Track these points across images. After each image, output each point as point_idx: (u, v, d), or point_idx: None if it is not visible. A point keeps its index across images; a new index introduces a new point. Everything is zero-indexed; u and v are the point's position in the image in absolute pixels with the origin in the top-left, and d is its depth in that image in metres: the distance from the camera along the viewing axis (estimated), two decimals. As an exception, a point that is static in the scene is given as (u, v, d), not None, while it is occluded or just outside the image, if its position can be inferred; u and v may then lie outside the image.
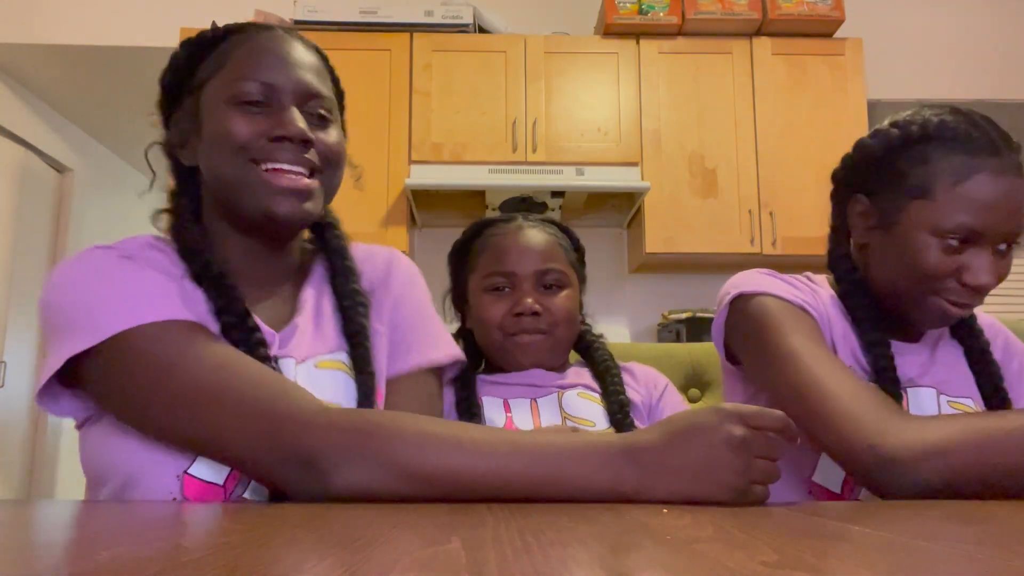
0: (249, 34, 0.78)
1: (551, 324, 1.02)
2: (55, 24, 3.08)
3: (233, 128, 0.72)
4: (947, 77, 3.18)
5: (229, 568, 0.29)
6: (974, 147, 0.81)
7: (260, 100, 0.74)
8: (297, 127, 0.73)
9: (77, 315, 0.66)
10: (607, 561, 0.31)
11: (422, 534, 0.38)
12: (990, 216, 0.80)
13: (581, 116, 2.76)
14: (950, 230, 0.81)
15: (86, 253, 0.71)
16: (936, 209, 0.81)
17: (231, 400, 0.63)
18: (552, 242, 1.06)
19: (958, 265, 0.82)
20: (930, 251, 0.82)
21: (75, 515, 0.52)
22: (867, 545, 0.36)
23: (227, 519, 0.44)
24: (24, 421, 3.58)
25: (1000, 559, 0.33)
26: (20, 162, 3.54)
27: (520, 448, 0.57)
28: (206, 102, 0.75)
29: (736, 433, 0.55)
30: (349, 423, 0.61)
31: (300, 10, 2.75)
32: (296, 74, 0.75)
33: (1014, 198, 0.80)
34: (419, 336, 0.86)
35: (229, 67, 0.75)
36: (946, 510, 0.56)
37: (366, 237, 0.97)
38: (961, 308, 0.84)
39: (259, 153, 0.72)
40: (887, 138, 0.87)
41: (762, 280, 0.91)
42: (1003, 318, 1.07)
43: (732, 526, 0.43)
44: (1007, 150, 0.82)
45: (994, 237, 0.81)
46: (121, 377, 0.65)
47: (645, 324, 3.00)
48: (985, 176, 0.80)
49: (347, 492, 0.58)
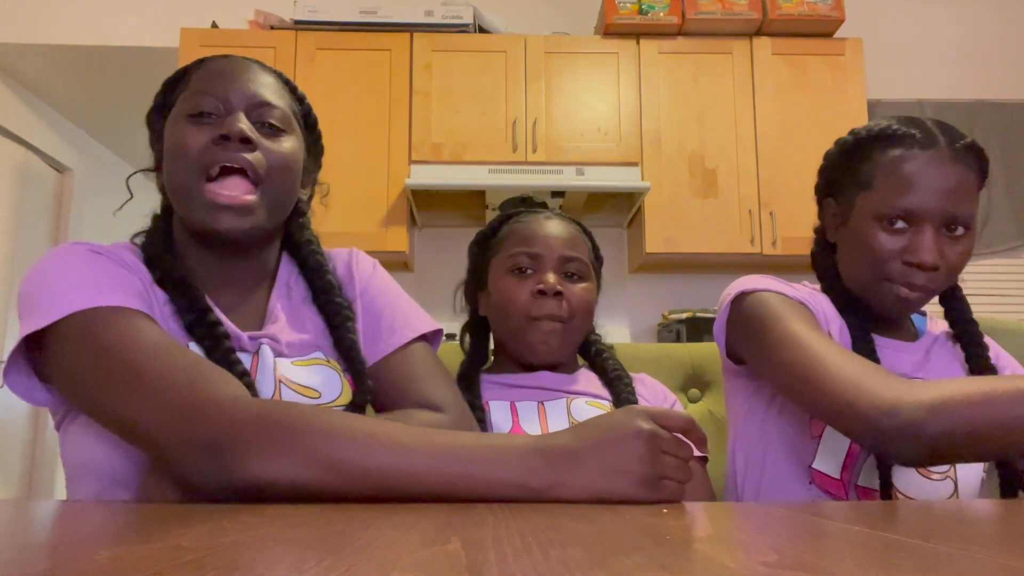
0: (213, 60, 0.82)
1: (570, 313, 1.02)
2: (55, 24, 3.08)
3: (185, 138, 0.76)
4: (947, 77, 3.18)
5: (229, 568, 0.29)
6: (911, 141, 0.88)
7: (211, 112, 0.77)
8: (237, 126, 0.75)
9: (40, 299, 0.68)
10: (607, 561, 0.31)
11: (422, 534, 0.38)
12: (924, 196, 0.85)
13: (581, 116, 2.76)
14: (888, 213, 0.87)
15: (61, 247, 0.74)
16: (877, 197, 0.88)
17: (152, 383, 0.62)
18: (577, 235, 1.08)
19: (901, 246, 0.87)
20: (876, 236, 0.88)
21: (75, 515, 0.52)
22: (867, 545, 0.36)
23: (227, 519, 0.44)
24: (24, 421, 3.58)
25: (1000, 559, 0.33)
26: (20, 162, 3.54)
27: (434, 446, 0.58)
28: (169, 123, 0.80)
29: (644, 427, 0.57)
30: (260, 412, 0.60)
31: (300, 10, 2.75)
32: (246, 86, 0.79)
33: (949, 179, 0.85)
34: (395, 315, 0.88)
35: (188, 88, 0.80)
36: (946, 510, 0.56)
37: (366, 237, 0.98)
38: (915, 291, 0.87)
39: (207, 157, 0.75)
40: (844, 144, 0.96)
41: (762, 280, 0.94)
42: (1003, 318, 1.08)
43: (732, 526, 0.43)
44: (947, 142, 0.87)
45: (934, 217, 0.85)
46: (69, 358, 0.66)
47: (645, 324, 3.00)
48: (917, 162, 0.87)
49: (254, 483, 0.56)
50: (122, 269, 0.73)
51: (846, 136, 0.96)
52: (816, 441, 0.90)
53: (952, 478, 0.87)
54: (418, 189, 2.59)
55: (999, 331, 1.15)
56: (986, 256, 3.05)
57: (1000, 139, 3.09)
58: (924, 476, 0.87)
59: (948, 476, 0.87)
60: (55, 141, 3.78)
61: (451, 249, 1.20)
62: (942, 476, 0.87)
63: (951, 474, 0.87)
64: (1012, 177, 3.07)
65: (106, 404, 0.65)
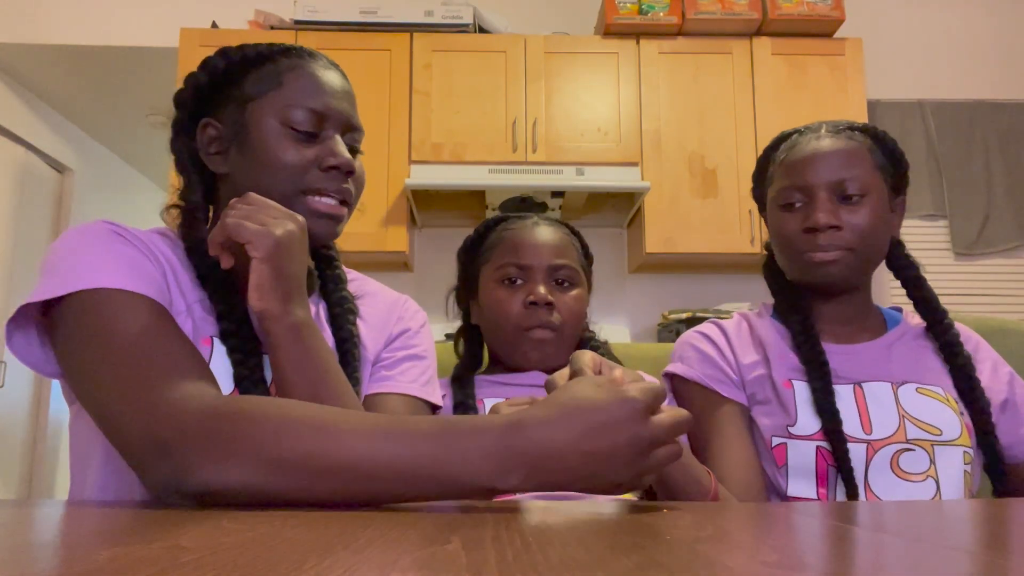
0: (301, 59, 0.81)
1: (561, 321, 1.02)
2: (55, 24, 3.08)
3: (285, 154, 0.76)
4: (947, 77, 3.18)
5: (229, 568, 0.29)
6: (795, 134, 1.01)
7: (310, 130, 0.78)
8: (347, 158, 0.78)
9: (53, 270, 0.67)
10: (607, 561, 0.31)
11: (422, 534, 0.38)
12: (808, 171, 0.94)
13: (581, 116, 2.76)
14: (787, 197, 0.95)
15: (89, 223, 0.73)
16: (776, 187, 0.98)
17: (123, 375, 0.60)
18: (566, 240, 1.07)
19: (801, 219, 0.93)
20: (781, 220, 0.96)
21: (75, 515, 0.51)
22: (867, 545, 0.36)
23: (227, 519, 0.44)
24: (24, 421, 3.58)
25: (1000, 559, 0.33)
26: (20, 162, 3.54)
27: (391, 431, 0.52)
28: (255, 119, 0.77)
29: (643, 434, 0.50)
30: (210, 411, 0.56)
31: (300, 10, 2.75)
32: (342, 106, 0.80)
33: (828, 151, 0.94)
34: (424, 371, 0.88)
35: (282, 90, 0.78)
36: (946, 510, 0.56)
37: (366, 237, 0.98)
38: (824, 251, 0.91)
39: (310, 183, 0.77)
40: (758, 160, 1.07)
41: (685, 351, 1.03)
42: (1003, 318, 1.08)
43: (732, 526, 0.43)
44: (829, 127, 0.98)
45: (821, 186, 0.92)
46: (63, 336, 0.65)
47: (645, 324, 3.00)
48: (799, 146, 0.97)
49: (206, 489, 0.53)
50: (138, 253, 0.71)
51: None
52: (784, 468, 0.91)
53: (933, 477, 0.86)
54: (418, 189, 2.59)
55: (999, 331, 1.15)
56: (986, 256, 3.05)
57: (1000, 139, 3.09)
58: (903, 478, 0.86)
59: (929, 475, 0.86)
60: (55, 141, 3.78)
61: (451, 249, 1.20)
62: (922, 476, 0.86)
63: (931, 473, 0.86)
64: (1012, 177, 3.07)
65: (83, 389, 0.64)
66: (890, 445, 0.87)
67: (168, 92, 0.90)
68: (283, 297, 0.68)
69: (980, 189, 3.06)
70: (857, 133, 0.97)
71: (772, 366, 0.96)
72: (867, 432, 0.88)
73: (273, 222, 0.68)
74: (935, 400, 0.90)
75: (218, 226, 0.66)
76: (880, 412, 0.89)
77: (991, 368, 0.97)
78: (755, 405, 0.96)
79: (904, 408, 0.89)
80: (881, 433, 0.88)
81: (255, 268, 0.67)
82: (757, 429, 0.94)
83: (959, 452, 0.87)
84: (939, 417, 0.89)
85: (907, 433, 0.87)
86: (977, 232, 3.04)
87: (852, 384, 0.92)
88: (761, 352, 0.98)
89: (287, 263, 0.68)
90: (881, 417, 0.89)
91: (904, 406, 0.89)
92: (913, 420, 0.88)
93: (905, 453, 0.87)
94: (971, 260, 3.05)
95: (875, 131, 0.99)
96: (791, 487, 0.90)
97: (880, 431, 0.88)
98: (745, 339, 1.02)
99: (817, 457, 0.88)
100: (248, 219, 0.67)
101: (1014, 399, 0.95)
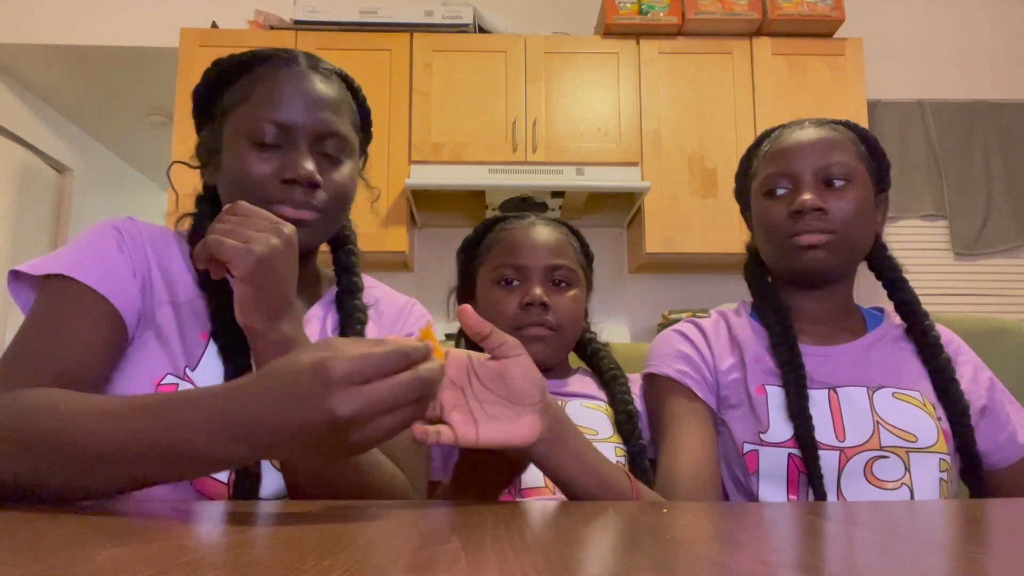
0: (273, 67, 0.80)
1: (557, 322, 1.01)
2: (55, 24, 3.08)
3: (248, 168, 0.76)
4: (947, 77, 3.18)
5: (229, 568, 0.29)
6: (785, 125, 1.01)
7: (275, 144, 0.77)
8: (306, 170, 0.76)
9: (54, 253, 0.73)
10: (607, 561, 0.31)
11: (422, 534, 0.38)
12: (794, 159, 0.94)
13: (581, 116, 2.76)
14: (770, 185, 0.96)
15: (114, 220, 0.78)
16: (759, 177, 0.99)
17: (8, 354, 0.65)
18: (564, 240, 1.07)
19: (787, 206, 0.93)
20: (766, 209, 0.96)
21: (75, 515, 0.51)
22: (867, 545, 0.36)
23: (227, 519, 0.44)
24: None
25: (1000, 559, 0.33)
26: (20, 162, 3.54)
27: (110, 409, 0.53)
28: (227, 133, 0.79)
29: (341, 413, 0.46)
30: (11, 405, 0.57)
31: (300, 10, 2.75)
32: (312, 114, 0.78)
33: (814, 140, 0.95)
34: None
35: (249, 103, 0.78)
36: (946, 510, 0.56)
37: (366, 237, 0.98)
38: (809, 234, 0.91)
39: (272, 195, 0.76)
40: (741, 159, 1.07)
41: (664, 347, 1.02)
42: (1003, 318, 1.07)
43: (732, 526, 0.43)
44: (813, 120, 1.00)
45: (806, 173, 0.93)
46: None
47: (645, 324, 3.00)
48: (781, 138, 0.97)
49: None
50: (119, 251, 0.74)
51: None
52: (755, 475, 0.90)
53: (908, 484, 0.85)
54: (418, 189, 2.59)
55: (999, 331, 1.15)
56: (986, 256, 3.05)
57: (1000, 139, 3.09)
58: (876, 485, 0.85)
59: (903, 483, 0.85)
60: (55, 141, 3.78)
61: (451, 249, 1.19)
62: (896, 484, 0.85)
63: (906, 480, 0.85)
64: (1012, 177, 3.07)
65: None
66: (863, 452, 0.86)
67: (168, 92, 0.91)
68: (268, 314, 0.67)
69: (980, 189, 3.06)
70: (840, 127, 0.99)
71: (747, 370, 0.95)
72: (840, 439, 0.87)
73: (256, 237, 0.65)
74: (912, 405, 0.89)
75: (202, 242, 0.66)
76: (854, 418, 0.88)
77: (972, 372, 0.96)
78: (728, 409, 0.95)
79: (879, 414, 0.88)
80: (855, 440, 0.87)
81: (236, 287, 0.66)
82: (729, 434, 0.93)
83: (935, 459, 0.86)
84: (915, 423, 0.87)
85: (881, 440, 0.86)
86: (977, 232, 3.04)
87: (827, 388, 0.91)
88: (737, 355, 0.98)
89: (269, 281, 0.66)
90: (855, 423, 0.88)
91: (879, 412, 0.88)
92: (888, 426, 0.87)
93: (879, 460, 0.86)
94: (971, 260, 3.05)
95: (857, 127, 1.01)
96: (761, 491, 0.89)
97: (853, 438, 0.87)
98: (723, 340, 1.01)
99: (788, 464, 0.87)
100: (231, 234, 0.65)
101: (993, 405, 0.94)
